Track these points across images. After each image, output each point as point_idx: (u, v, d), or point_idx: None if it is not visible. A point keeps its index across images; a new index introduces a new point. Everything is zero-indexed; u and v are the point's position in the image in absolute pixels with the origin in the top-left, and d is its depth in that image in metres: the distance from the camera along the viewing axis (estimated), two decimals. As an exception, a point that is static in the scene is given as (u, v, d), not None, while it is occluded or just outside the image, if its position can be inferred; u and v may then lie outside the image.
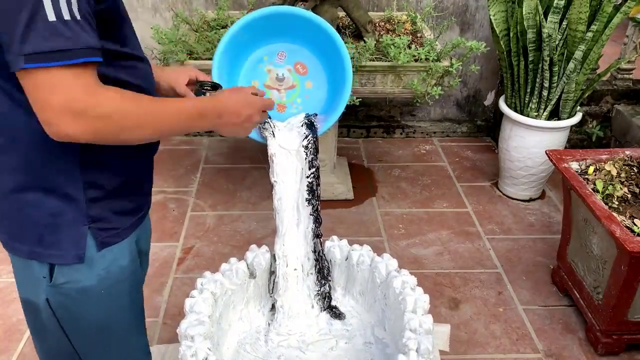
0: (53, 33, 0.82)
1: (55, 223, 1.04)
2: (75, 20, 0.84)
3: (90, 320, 1.14)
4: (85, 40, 0.85)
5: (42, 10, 0.81)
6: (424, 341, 1.29)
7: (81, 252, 1.06)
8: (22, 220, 1.04)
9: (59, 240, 1.05)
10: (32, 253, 1.06)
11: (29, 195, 1.02)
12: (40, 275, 1.07)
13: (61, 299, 1.09)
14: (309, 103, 1.58)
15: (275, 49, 1.55)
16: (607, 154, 2.18)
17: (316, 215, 1.51)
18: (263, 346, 1.54)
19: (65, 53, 0.83)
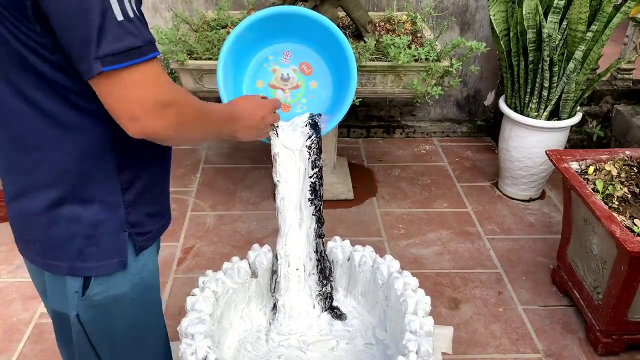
0: (124, 32, 0.83)
1: (96, 234, 1.02)
2: (137, 18, 0.86)
3: (121, 330, 1.14)
4: (149, 36, 0.88)
5: (109, 11, 0.82)
6: (424, 343, 1.29)
7: (124, 258, 1.06)
8: (59, 237, 1.01)
9: (99, 251, 1.03)
10: (72, 269, 1.03)
11: (66, 210, 0.99)
12: (72, 290, 1.05)
13: (92, 312, 1.08)
14: (313, 103, 1.58)
15: (280, 48, 1.56)
16: (607, 154, 2.18)
17: (319, 215, 1.51)
18: (264, 345, 1.54)
19: (138, 50, 0.85)
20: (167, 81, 0.90)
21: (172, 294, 2.26)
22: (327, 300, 1.59)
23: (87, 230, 1.01)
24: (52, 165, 0.96)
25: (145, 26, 0.88)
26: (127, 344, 1.17)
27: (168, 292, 2.28)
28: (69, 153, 0.96)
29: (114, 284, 1.07)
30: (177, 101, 0.91)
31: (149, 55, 0.86)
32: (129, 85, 0.85)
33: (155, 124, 0.89)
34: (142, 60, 0.85)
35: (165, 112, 0.89)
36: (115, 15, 0.82)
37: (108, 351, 1.15)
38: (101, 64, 0.82)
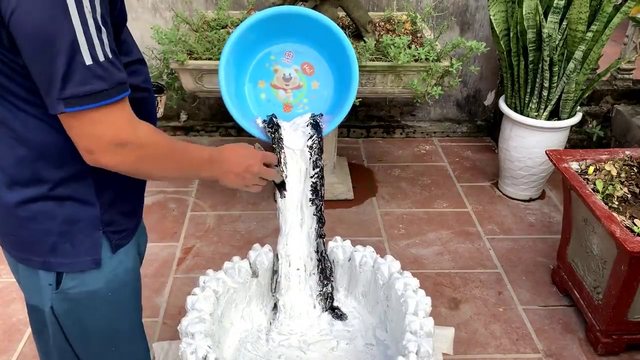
0: (91, 76, 0.85)
1: (71, 231, 1.03)
2: (108, 60, 0.87)
3: (95, 326, 1.14)
4: (118, 78, 0.89)
5: (79, 55, 0.83)
6: (424, 344, 1.29)
7: (97, 257, 1.06)
8: (33, 232, 1.03)
9: (73, 248, 1.04)
10: (45, 263, 1.04)
11: (41, 205, 1.00)
12: (45, 282, 1.06)
13: (66, 305, 1.08)
14: (315, 103, 1.58)
15: (282, 48, 1.56)
16: (607, 154, 2.18)
17: (320, 215, 1.51)
18: (264, 345, 1.54)
19: (103, 93, 0.86)
20: (129, 121, 0.92)
21: (172, 294, 2.26)
22: (328, 300, 1.59)
23: (62, 227, 1.02)
24: (31, 163, 0.98)
25: (116, 66, 0.89)
26: (101, 340, 1.17)
27: (168, 292, 2.28)
28: (49, 152, 0.97)
29: (88, 279, 1.07)
30: (137, 142, 0.93)
31: (114, 98, 0.88)
32: (88, 123, 0.88)
33: (109, 160, 0.92)
34: (106, 103, 0.87)
35: (121, 151, 0.92)
36: (83, 59, 0.84)
37: (83, 346, 1.15)
38: (64, 105, 0.85)
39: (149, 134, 0.97)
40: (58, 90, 0.84)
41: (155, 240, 2.55)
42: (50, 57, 0.83)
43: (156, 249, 2.50)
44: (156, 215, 2.70)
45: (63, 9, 0.81)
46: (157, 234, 2.59)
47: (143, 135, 0.95)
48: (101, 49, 0.85)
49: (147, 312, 2.16)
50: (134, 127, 0.93)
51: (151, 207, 2.75)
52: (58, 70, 0.83)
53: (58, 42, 0.82)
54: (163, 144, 1.00)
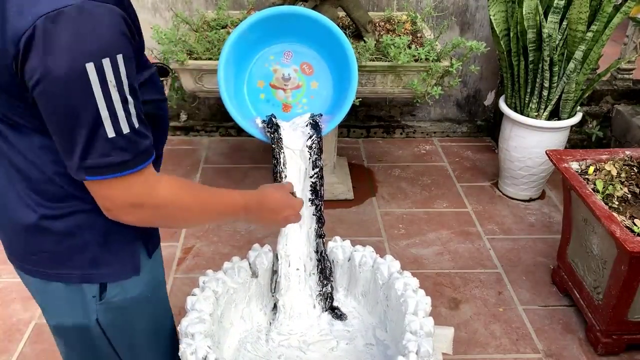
0: (113, 148, 0.85)
1: (110, 240, 1.03)
2: (133, 130, 0.87)
3: (142, 329, 1.15)
4: (142, 147, 0.89)
5: (101, 129, 0.83)
6: (424, 343, 1.29)
7: (137, 263, 1.07)
8: (71, 245, 1.01)
9: (114, 258, 1.04)
10: (85, 276, 1.03)
11: (78, 218, 0.99)
12: (89, 295, 1.04)
13: (111, 315, 1.08)
14: (314, 103, 1.58)
15: (281, 48, 1.56)
16: (607, 154, 2.18)
17: (319, 215, 1.51)
18: (264, 345, 1.54)
19: (125, 164, 0.87)
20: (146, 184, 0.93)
21: (172, 294, 2.26)
22: (328, 300, 1.59)
23: (101, 237, 1.02)
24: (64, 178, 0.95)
25: (142, 135, 0.89)
26: (146, 342, 1.18)
27: (168, 292, 2.27)
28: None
29: (129, 285, 1.07)
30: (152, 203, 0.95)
31: (135, 168, 0.89)
32: (106, 188, 0.90)
33: (128, 219, 0.95)
34: (127, 174, 0.88)
35: (138, 211, 0.94)
36: (106, 133, 0.84)
37: (130, 351, 1.15)
38: (84, 173, 0.87)
39: (168, 193, 0.97)
40: (79, 159, 0.85)
41: (155, 240, 2.55)
42: (72, 129, 0.83)
43: (156, 249, 2.50)
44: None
45: (86, 86, 0.80)
46: (157, 234, 2.59)
47: (161, 196, 0.96)
48: (126, 121, 0.85)
49: (147, 312, 2.17)
50: (151, 189, 0.94)
51: (151, 207, 2.75)
52: (79, 142, 0.84)
53: (81, 117, 0.82)
54: (184, 200, 1.00)
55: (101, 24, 0.80)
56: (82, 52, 0.78)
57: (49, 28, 0.76)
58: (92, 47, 0.79)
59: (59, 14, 0.76)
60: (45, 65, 0.78)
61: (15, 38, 0.78)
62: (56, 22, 0.77)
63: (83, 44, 0.78)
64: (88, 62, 0.79)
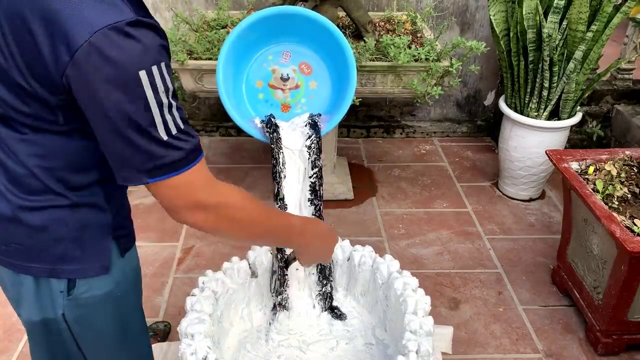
0: (169, 148, 0.90)
1: (82, 236, 1.03)
2: (181, 131, 0.92)
3: (108, 328, 1.14)
4: (192, 144, 0.94)
5: (156, 132, 0.88)
6: (424, 343, 1.29)
7: (107, 262, 1.07)
8: (42, 240, 1.01)
9: (83, 254, 1.04)
10: (54, 271, 1.03)
11: (54, 213, 1.00)
12: (57, 290, 1.05)
13: (78, 311, 1.07)
14: (313, 103, 1.58)
15: (280, 48, 1.56)
16: (607, 154, 2.18)
17: (319, 215, 1.51)
18: (264, 345, 1.54)
19: (181, 161, 0.92)
20: (205, 183, 0.97)
21: (172, 294, 2.26)
22: (327, 300, 1.59)
23: (74, 233, 1.02)
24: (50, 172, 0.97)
25: (189, 134, 0.94)
26: (113, 340, 1.17)
27: (168, 292, 2.28)
28: (68, 161, 0.98)
29: (99, 283, 1.07)
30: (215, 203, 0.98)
31: (192, 163, 0.94)
32: (168, 188, 0.93)
33: (192, 220, 0.97)
34: (184, 170, 0.93)
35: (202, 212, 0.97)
36: (160, 136, 0.89)
37: (94, 350, 1.15)
38: (147, 177, 0.91)
39: (231, 196, 1.01)
40: (139, 164, 0.90)
41: (155, 240, 2.55)
42: (127, 137, 0.87)
43: (156, 249, 2.50)
44: (156, 215, 2.70)
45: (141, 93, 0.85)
46: (157, 234, 2.59)
47: (223, 197, 0.99)
48: (174, 123, 0.91)
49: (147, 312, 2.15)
50: (211, 188, 0.98)
51: (151, 207, 2.75)
52: (137, 149, 0.88)
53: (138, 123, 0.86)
54: (249, 207, 1.04)
55: (149, 37, 0.86)
56: (135, 62, 0.84)
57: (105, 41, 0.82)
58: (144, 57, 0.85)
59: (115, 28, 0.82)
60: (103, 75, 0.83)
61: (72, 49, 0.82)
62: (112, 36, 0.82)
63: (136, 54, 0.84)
64: (141, 70, 0.84)
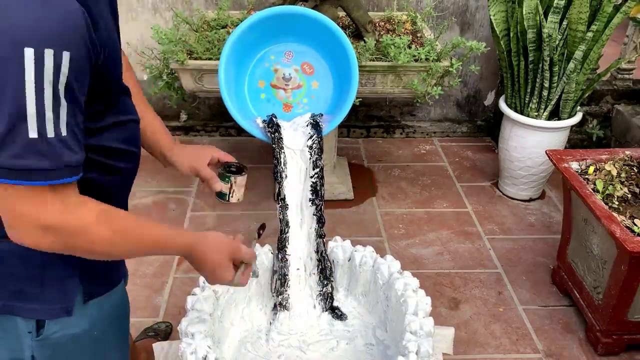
0: (29, 151, 0.74)
1: (42, 275, 0.93)
2: (59, 138, 0.76)
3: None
4: (67, 159, 0.78)
5: (22, 124, 0.73)
6: (424, 344, 1.29)
7: (69, 305, 0.96)
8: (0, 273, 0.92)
9: (42, 294, 0.94)
10: (4, 307, 0.93)
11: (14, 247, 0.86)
12: (25, 330, 0.95)
13: (49, 352, 0.98)
14: (315, 103, 1.58)
15: (282, 48, 1.56)
16: (607, 154, 2.18)
17: (319, 215, 1.51)
18: (264, 345, 1.54)
19: (41, 173, 0.76)
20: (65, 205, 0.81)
21: (172, 293, 2.26)
22: (328, 300, 1.59)
23: (33, 271, 0.93)
24: None
25: (69, 147, 0.78)
26: None
27: (168, 292, 2.27)
28: None
29: (70, 321, 0.98)
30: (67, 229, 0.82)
31: (53, 181, 0.77)
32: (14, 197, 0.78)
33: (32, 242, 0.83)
34: (40, 185, 0.77)
35: (48, 235, 0.81)
36: (27, 130, 0.73)
37: None
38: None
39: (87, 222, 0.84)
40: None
41: (155, 240, 2.55)
42: None
43: (156, 249, 2.50)
44: (156, 215, 2.70)
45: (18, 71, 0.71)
46: (157, 234, 2.58)
47: (77, 223, 0.83)
48: (52, 124, 0.75)
49: (147, 312, 2.17)
50: (64, 213, 0.81)
51: (151, 207, 2.75)
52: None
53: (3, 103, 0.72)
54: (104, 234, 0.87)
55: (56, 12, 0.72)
56: (25, 34, 0.70)
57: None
58: (38, 33, 0.71)
59: None
60: None
61: None
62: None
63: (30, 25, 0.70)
64: (28, 47, 0.70)
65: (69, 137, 0.78)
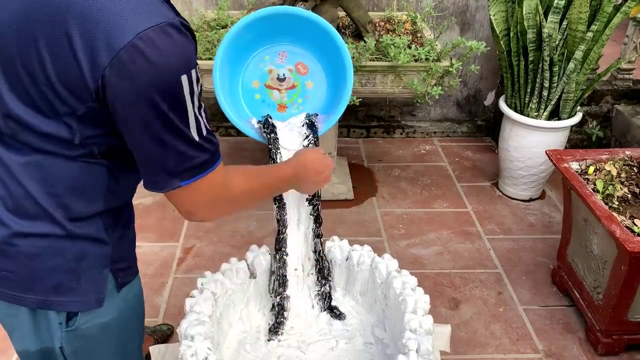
0: (199, 150, 0.92)
1: (78, 268, 0.99)
2: (208, 131, 0.94)
3: (105, 355, 1.11)
4: (215, 145, 0.97)
5: (190, 134, 0.90)
6: (424, 342, 1.29)
7: (101, 295, 1.03)
8: (38, 268, 0.97)
9: (78, 286, 1.00)
10: (44, 302, 0.99)
11: (51, 241, 0.96)
12: (56, 322, 1.01)
13: (77, 343, 1.04)
14: (310, 103, 1.58)
15: (276, 49, 1.55)
16: (607, 154, 2.17)
17: (317, 215, 1.51)
18: (263, 346, 1.54)
19: (208, 162, 0.95)
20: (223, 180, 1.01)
21: (172, 294, 2.26)
22: (326, 300, 1.59)
23: (70, 264, 0.98)
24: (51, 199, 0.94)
25: (213, 134, 0.96)
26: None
27: (168, 292, 2.28)
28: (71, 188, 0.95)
29: (100, 311, 1.04)
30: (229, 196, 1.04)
31: (215, 163, 0.96)
32: (193, 190, 0.95)
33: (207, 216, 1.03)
34: (210, 170, 0.95)
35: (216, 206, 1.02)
36: (193, 137, 0.90)
37: None
38: (179, 180, 0.92)
39: (242, 186, 1.07)
40: (172, 167, 0.90)
41: (155, 240, 2.55)
42: (163, 140, 0.87)
43: (156, 249, 2.50)
44: (156, 215, 2.70)
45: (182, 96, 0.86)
46: (157, 234, 2.59)
47: (234, 188, 1.04)
48: (203, 125, 0.92)
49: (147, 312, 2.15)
50: (227, 184, 1.02)
51: (151, 207, 2.75)
52: (172, 151, 0.89)
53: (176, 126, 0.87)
54: (254, 190, 1.11)
55: (188, 39, 0.87)
56: (178, 66, 0.84)
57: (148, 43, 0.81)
58: (185, 61, 0.85)
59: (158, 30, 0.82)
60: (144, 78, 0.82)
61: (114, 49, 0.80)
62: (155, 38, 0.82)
63: (178, 58, 0.84)
64: (183, 75, 0.85)
65: (209, 126, 0.96)
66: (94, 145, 0.92)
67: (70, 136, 0.90)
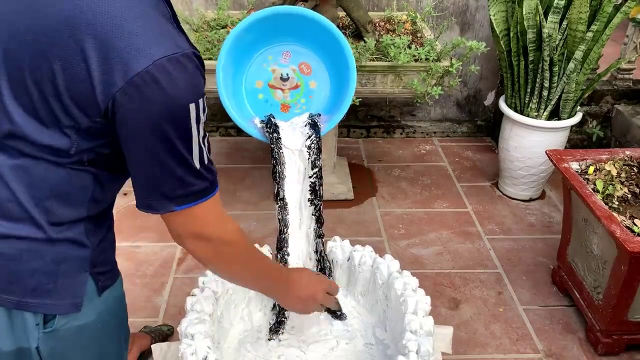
0: (199, 177, 0.94)
1: (57, 271, 0.98)
2: (209, 160, 0.96)
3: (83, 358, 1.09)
4: (214, 175, 0.98)
5: (192, 161, 0.92)
6: (424, 343, 1.29)
7: (78, 300, 1.01)
8: (16, 270, 0.96)
9: (55, 289, 0.99)
10: (20, 303, 0.97)
11: (33, 244, 0.95)
12: (32, 323, 0.99)
13: (53, 343, 1.01)
14: (313, 103, 1.58)
15: (279, 49, 1.56)
16: (607, 154, 2.18)
17: (318, 215, 1.51)
18: (264, 345, 1.54)
19: (205, 191, 0.96)
20: (218, 217, 1.02)
21: (172, 293, 2.26)
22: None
23: (49, 266, 0.97)
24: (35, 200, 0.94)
25: (213, 164, 0.98)
26: None
27: (168, 292, 2.27)
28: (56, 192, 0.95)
29: (79, 314, 1.02)
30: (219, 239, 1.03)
31: (211, 194, 0.97)
32: (188, 216, 0.97)
33: (191, 248, 1.03)
34: (206, 199, 0.96)
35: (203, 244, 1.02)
36: (195, 164, 0.92)
37: None
38: (175, 204, 0.94)
39: (235, 234, 1.07)
40: (169, 191, 0.93)
41: (155, 240, 2.55)
42: (166, 165, 0.90)
43: (156, 249, 2.50)
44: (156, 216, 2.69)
45: (188, 124, 0.88)
46: (157, 234, 2.58)
47: (227, 234, 1.05)
48: (206, 153, 0.94)
49: (147, 312, 2.17)
50: (222, 224, 1.03)
51: (151, 207, 2.75)
52: (171, 177, 0.91)
53: (179, 152, 0.89)
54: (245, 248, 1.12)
55: (198, 69, 0.90)
56: (187, 96, 0.87)
57: (162, 71, 0.83)
58: (194, 91, 0.88)
59: (172, 59, 0.84)
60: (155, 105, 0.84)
61: (129, 75, 0.82)
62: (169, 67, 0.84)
63: (188, 88, 0.87)
64: (191, 104, 0.87)
65: (210, 155, 0.98)
66: (84, 153, 0.93)
67: (67, 147, 0.91)
